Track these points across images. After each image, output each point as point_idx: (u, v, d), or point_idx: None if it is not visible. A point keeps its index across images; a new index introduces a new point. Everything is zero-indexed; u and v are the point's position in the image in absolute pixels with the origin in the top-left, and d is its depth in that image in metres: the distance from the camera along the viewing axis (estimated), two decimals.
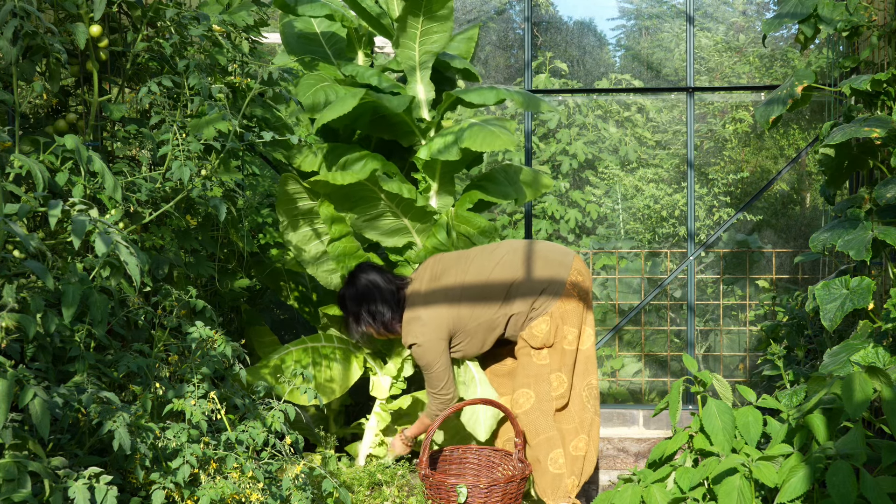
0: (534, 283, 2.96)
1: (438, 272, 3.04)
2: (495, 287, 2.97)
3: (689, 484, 2.27)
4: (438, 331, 2.96)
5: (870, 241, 2.52)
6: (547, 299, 2.95)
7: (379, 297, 3.03)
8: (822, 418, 2.07)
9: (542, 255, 3.02)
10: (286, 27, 3.48)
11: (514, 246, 3.06)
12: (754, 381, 3.83)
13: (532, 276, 2.98)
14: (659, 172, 5.09)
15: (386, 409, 3.27)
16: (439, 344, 2.96)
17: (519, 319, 2.97)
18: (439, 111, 3.32)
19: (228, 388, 2.31)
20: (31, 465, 1.56)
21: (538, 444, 2.93)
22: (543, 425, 2.93)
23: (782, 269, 4.26)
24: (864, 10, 2.95)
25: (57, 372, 1.94)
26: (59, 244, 2.04)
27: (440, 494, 2.72)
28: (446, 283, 3.00)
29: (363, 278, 3.07)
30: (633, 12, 5.56)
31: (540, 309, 2.95)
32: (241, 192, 2.71)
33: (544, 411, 2.94)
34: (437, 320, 2.97)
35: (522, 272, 2.98)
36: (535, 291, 2.95)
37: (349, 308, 3.08)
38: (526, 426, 2.95)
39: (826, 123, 2.98)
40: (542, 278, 2.97)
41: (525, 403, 2.96)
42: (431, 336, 2.95)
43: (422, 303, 3.01)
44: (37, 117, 2.52)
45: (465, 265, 3.02)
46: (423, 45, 3.22)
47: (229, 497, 1.97)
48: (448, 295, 2.99)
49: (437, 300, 2.99)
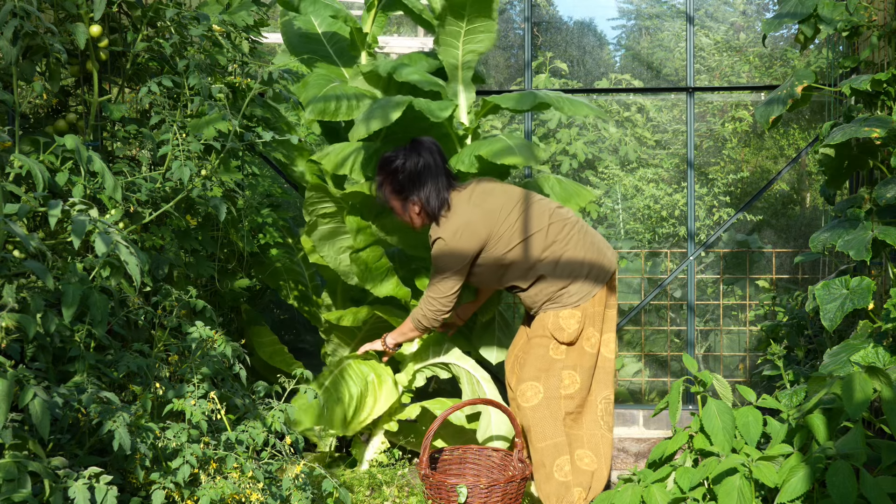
0: (583, 261, 2.81)
1: (489, 190, 2.88)
2: (545, 239, 2.82)
3: (689, 484, 2.27)
4: (469, 240, 2.79)
5: (870, 241, 2.52)
6: (586, 285, 2.79)
7: (432, 179, 2.83)
8: (822, 418, 2.07)
9: (595, 238, 2.89)
10: (286, 26, 3.46)
11: (573, 218, 2.91)
12: (754, 381, 3.83)
13: (586, 253, 2.83)
14: (659, 172, 5.09)
15: (394, 417, 3.26)
16: (463, 254, 2.80)
17: (548, 289, 2.82)
18: (478, 117, 3.25)
19: (228, 388, 2.31)
20: (31, 465, 1.56)
21: (544, 448, 2.76)
22: (551, 430, 2.76)
23: (782, 269, 4.26)
24: (864, 10, 2.95)
25: (57, 372, 1.94)
26: (59, 244, 2.04)
27: (440, 494, 2.72)
28: (494, 205, 2.83)
29: (427, 156, 2.85)
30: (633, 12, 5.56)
31: (576, 295, 2.79)
32: (241, 192, 2.71)
33: (553, 411, 2.77)
34: (474, 230, 2.79)
35: (578, 243, 2.84)
36: (582, 271, 2.80)
37: (399, 179, 2.86)
38: (532, 426, 2.78)
39: (826, 123, 2.98)
40: (591, 260, 2.81)
41: (533, 398, 2.78)
42: (460, 242, 2.79)
43: (465, 209, 2.83)
44: (37, 117, 2.52)
45: (521, 201, 2.86)
46: (468, 43, 3.11)
47: (229, 497, 1.97)
48: (491, 213, 2.82)
49: (481, 215, 2.82)
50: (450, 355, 3.23)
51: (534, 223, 2.84)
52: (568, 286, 2.80)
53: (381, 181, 2.92)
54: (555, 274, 2.81)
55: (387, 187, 2.90)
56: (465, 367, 3.18)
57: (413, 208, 2.88)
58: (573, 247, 2.82)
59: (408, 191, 2.86)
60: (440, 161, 2.87)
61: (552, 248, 2.81)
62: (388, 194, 2.90)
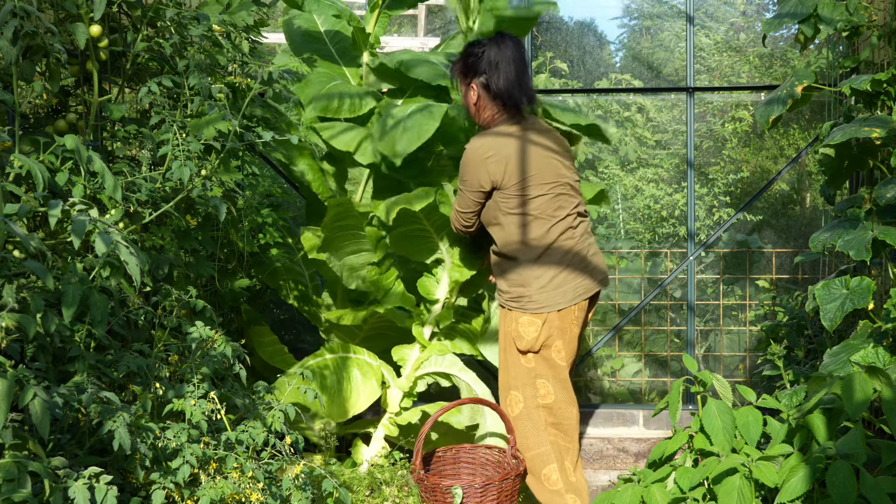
0: (568, 270, 2.74)
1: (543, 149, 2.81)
2: (548, 226, 2.75)
3: (689, 484, 2.27)
4: (497, 164, 2.71)
5: (870, 241, 2.52)
6: (556, 295, 2.71)
7: (504, 79, 2.76)
8: (822, 418, 2.07)
9: (594, 254, 2.83)
10: (288, 25, 3.46)
11: (587, 223, 2.91)
12: (754, 381, 3.83)
13: (577, 265, 2.76)
14: (659, 172, 5.09)
15: (394, 421, 3.26)
16: (485, 173, 2.72)
17: (518, 279, 2.75)
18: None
19: (228, 388, 2.31)
20: (31, 465, 1.56)
21: (531, 458, 2.77)
22: (534, 440, 2.75)
23: (782, 269, 4.26)
24: (864, 10, 2.95)
25: (57, 372, 1.94)
26: (59, 244, 2.04)
27: (436, 497, 2.72)
28: (536, 162, 2.75)
29: (506, 52, 2.77)
30: (633, 12, 5.56)
31: (538, 298, 2.71)
32: (241, 192, 2.71)
33: (534, 421, 2.75)
34: (504, 154, 2.71)
35: (582, 251, 2.79)
36: (563, 262, 2.73)
37: (469, 61, 2.83)
38: (518, 436, 2.80)
39: (826, 123, 2.98)
40: (576, 273, 2.75)
41: (515, 408, 2.79)
42: (489, 157, 2.71)
43: (505, 139, 2.76)
44: (37, 117, 2.52)
45: (557, 180, 2.78)
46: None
47: (229, 497, 1.97)
48: (520, 165, 2.75)
49: (514, 155, 2.75)
50: (452, 366, 3.23)
51: (550, 207, 2.76)
52: (535, 289, 2.72)
53: (455, 62, 2.90)
54: (536, 262, 2.73)
55: (458, 66, 2.87)
56: (466, 380, 3.18)
57: (471, 95, 2.84)
58: (573, 251, 2.75)
59: (471, 76, 2.82)
60: (518, 67, 2.78)
61: (550, 238, 2.73)
62: (457, 73, 2.87)
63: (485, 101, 2.82)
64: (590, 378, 4.21)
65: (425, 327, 3.25)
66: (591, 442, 3.78)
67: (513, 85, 2.77)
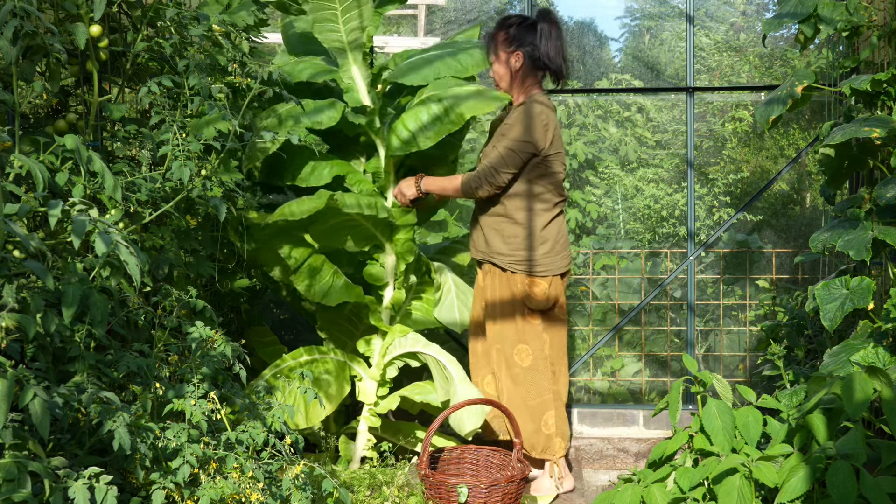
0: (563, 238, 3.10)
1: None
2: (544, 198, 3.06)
3: (689, 484, 2.27)
4: (550, 131, 2.98)
5: (870, 241, 2.52)
6: (557, 260, 3.06)
7: (555, 50, 3.04)
8: (822, 418, 2.07)
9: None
10: (286, 27, 3.47)
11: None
12: (754, 381, 3.83)
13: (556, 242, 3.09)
14: (659, 172, 5.08)
15: (374, 412, 3.27)
16: (542, 136, 2.97)
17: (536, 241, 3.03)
18: (378, 96, 3.28)
19: (228, 388, 2.31)
20: (31, 465, 1.56)
21: (536, 405, 3.02)
22: (541, 388, 3.02)
23: (782, 269, 4.26)
24: (864, 10, 2.95)
25: (57, 372, 1.94)
26: (59, 244, 2.04)
27: (440, 494, 2.72)
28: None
29: (545, 26, 3.05)
30: (633, 12, 5.56)
31: (544, 262, 3.03)
32: (241, 192, 2.71)
33: (541, 372, 3.02)
34: (554, 123, 3.01)
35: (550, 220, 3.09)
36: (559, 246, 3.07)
37: (511, 31, 3.06)
38: (528, 386, 3.01)
39: (826, 123, 2.98)
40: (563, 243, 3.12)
41: (526, 359, 3.03)
42: (548, 123, 2.98)
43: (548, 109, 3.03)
44: (37, 117, 2.52)
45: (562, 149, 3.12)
46: (348, 22, 3.07)
47: (229, 497, 1.97)
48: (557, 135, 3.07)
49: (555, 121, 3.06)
50: (416, 344, 3.21)
51: (559, 182, 3.08)
52: (540, 254, 3.03)
53: (493, 33, 3.11)
54: (542, 230, 3.03)
55: (500, 35, 3.07)
56: (430, 353, 3.18)
57: (513, 62, 3.04)
58: (562, 227, 3.10)
59: (516, 44, 3.04)
60: (564, 41, 3.05)
61: (555, 211, 3.05)
62: (500, 41, 3.06)
63: (527, 69, 3.06)
64: (590, 378, 4.21)
65: (383, 312, 3.27)
66: (591, 442, 3.78)
67: (559, 55, 3.05)
